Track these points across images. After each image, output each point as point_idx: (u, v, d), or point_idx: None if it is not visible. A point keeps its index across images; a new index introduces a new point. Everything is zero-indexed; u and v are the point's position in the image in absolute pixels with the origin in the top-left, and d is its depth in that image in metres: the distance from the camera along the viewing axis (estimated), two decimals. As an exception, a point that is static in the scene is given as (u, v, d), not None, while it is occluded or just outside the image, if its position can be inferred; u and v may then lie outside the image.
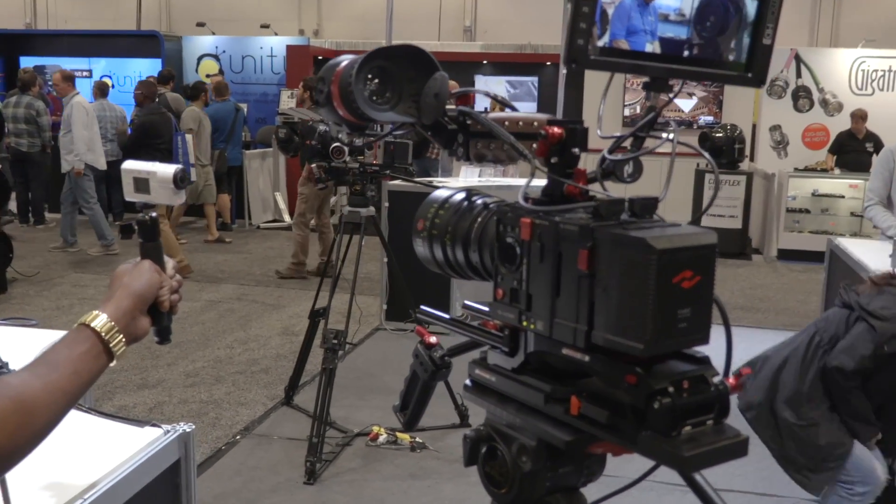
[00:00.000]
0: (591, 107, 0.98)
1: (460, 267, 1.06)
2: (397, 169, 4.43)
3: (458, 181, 6.71)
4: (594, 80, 1.02)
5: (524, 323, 0.94)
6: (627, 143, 0.98)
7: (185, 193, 1.36)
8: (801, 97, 11.21)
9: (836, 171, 10.28)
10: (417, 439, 4.29)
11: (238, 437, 4.42)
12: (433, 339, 1.18)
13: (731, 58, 0.97)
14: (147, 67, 13.20)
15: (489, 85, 12.88)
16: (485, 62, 13.44)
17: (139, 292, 1.21)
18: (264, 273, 8.43)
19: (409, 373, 1.24)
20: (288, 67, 12.67)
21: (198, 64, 13.63)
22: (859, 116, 10.18)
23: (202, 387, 5.16)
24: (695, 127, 11.16)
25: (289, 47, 12.76)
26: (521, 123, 0.99)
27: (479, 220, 1.03)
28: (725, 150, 9.93)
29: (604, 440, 0.89)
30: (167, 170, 1.34)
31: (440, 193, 1.10)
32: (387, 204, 6.23)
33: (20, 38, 14.10)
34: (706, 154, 1.00)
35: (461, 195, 1.08)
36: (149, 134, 8.38)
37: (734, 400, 0.94)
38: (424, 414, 1.23)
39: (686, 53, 0.95)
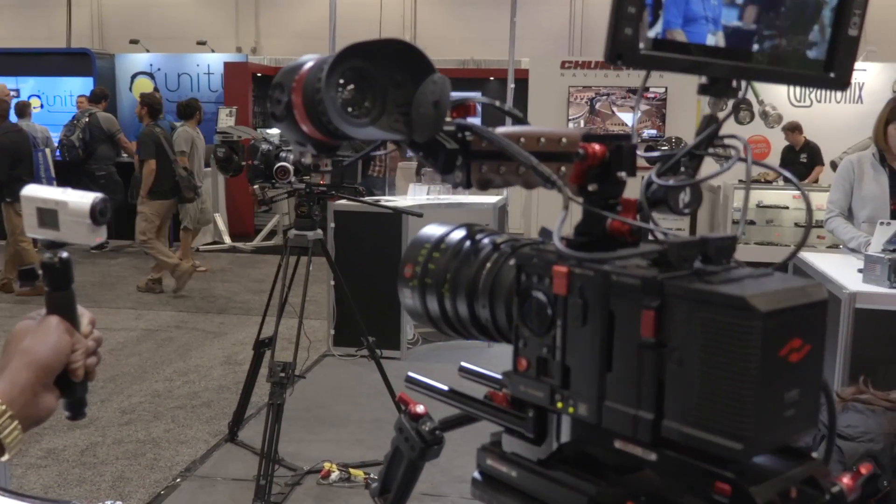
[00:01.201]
0: (538, 121, 0.77)
1: (462, 324, 0.83)
2: (346, 189, 4.18)
3: (405, 200, 6.47)
4: (541, 93, 0.81)
5: (558, 404, 0.71)
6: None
7: (105, 231, 1.06)
8: (743, 109, 11.24)
9: (780, 181, 10.36)
10: (372, 475, 4.03)
11: (178, 479, 4.09)
12: (420, 409, 0.95)
13: (808, 53, 0.76)
14: (78, 86, 12.71)
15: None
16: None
17: (43, 361, 0.95)
18: (205, 298, 8.06)
19: (390, 449, 1.00)
20: (226, 85, 12.32)
21: (132, 82, 13.19)
22: (790, 129, 10.32)
23: (139, 424, 4.80)
24: (638, 141, 11.12)
25: (226, 64, 12.41)
26: (542, 140, 0.76)
27: (489, 265, 0.80)
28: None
29: (674, 564, 0.66)
30: (82, 201, 1.04)
31: (432, 231, 0.87)
32: (333, 224, 5.95)
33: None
34: (787, 174, 0.79)
35: (461, 232, 0.85)
36: (12, 155, 7.91)
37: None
38: (382, 446, 0.99)
39: (755, 48, 0.74)
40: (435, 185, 6.53)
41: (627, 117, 11.20)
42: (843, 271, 3.71)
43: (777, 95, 11.16)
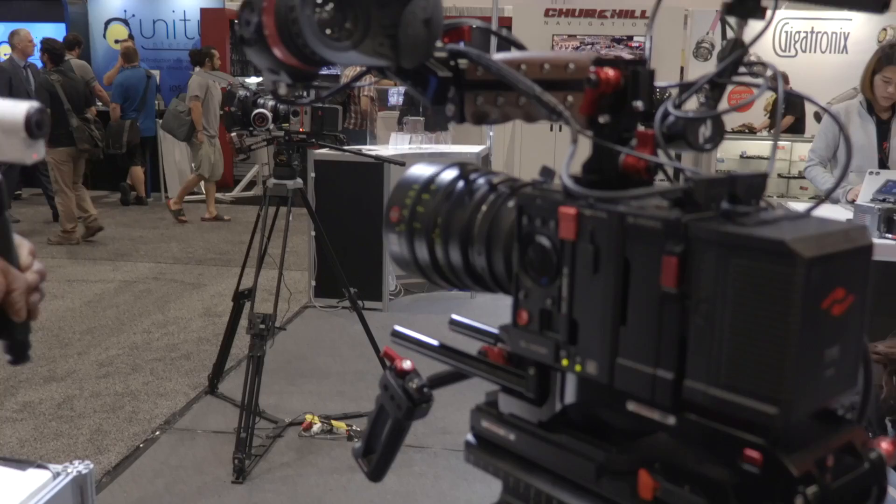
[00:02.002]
0: None
1: (455, 273, 0.75)
2: (326, 137, 4.05)
3: (387, 149, 6.35)
4: (525, 41, 0.73)
5: (564, 362, 0.63)
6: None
7: (44, 146, 0.91)
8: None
9: (764, 132, 10.32)
10: (355, 427, 3.99)
11: (158, 432, 4.03)
12: (407, 365, 0.87)
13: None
14: (50, 33, 12.32)
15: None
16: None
17: None
18: (183, 249, 7.94)
19: (374, 408, 0.93)
20: (202, 32, 12.02)
21: (105, 29, 12.83)
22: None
23: (117, 377, 4.72)
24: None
25: (203, 10, 12.09)
26: (546, 67, 0.68)
27: (485, 207, 0.71)
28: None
29: (693, 537, 0.60)
30: (15, 111, 0.88)
31: (421, 171, 0.78)
32: (313, 174, 5.83)
33: None
34: (821, 104, 0.71)
35: (452, 172, 0.76)
36: None
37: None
38: (363, 398, 0.92)
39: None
40: (417, 134, 6.41)
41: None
42: (833, 223, 3.66)
43: (762, 44, 11.01)
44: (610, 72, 0.62)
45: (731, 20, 0.66)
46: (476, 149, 6.59)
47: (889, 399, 2.44)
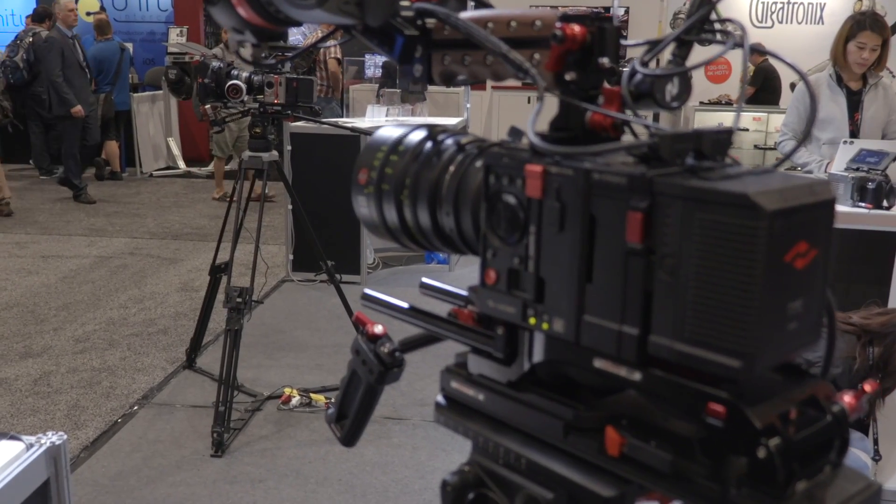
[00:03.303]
0: None
1: (424, 235, 0.74)
2: (301, 108, 4.02)
3: (363, 122, 6.31)
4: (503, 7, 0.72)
5: (531, 320, 0.64)
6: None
7: None
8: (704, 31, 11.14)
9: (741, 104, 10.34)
10: (333, 400, 3.99)
11: (136, 407, 4.02)
12: (378, 329, 0.87)
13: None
14: (19, 5, 12.14)
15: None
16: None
17: None
18: (159, 225, 7.87)
19: (346, 373, 0.92)
20: (176, 4, 11.84)
21: (77, 1, 12.61)
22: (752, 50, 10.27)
23: (94, 353, 4.69)
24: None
25: (176, -19, 11.92)
26: (513, 25, 0.67)
27: (453, 167, 0.71)
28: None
29: (659, 492, 0.60)
30: None
31: (388, 133, 0.77)
32: (289, 147, 5.79)
33: None
34: (788, 61, 0.70)
35: (420, 133, 0.76)
36: None
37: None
38: (342, 371, 0.92)
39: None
40: (394, 106, 6.37)
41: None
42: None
43: (738, 15, 10.97)
44: (576, 27, 0.61)
45: (668, 19, 0.65)
46: (453, 121, 6.57)
47: (862, 370, 2.48)
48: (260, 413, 3.93)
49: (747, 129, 10.49)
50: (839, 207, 2.73)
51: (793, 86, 9.18)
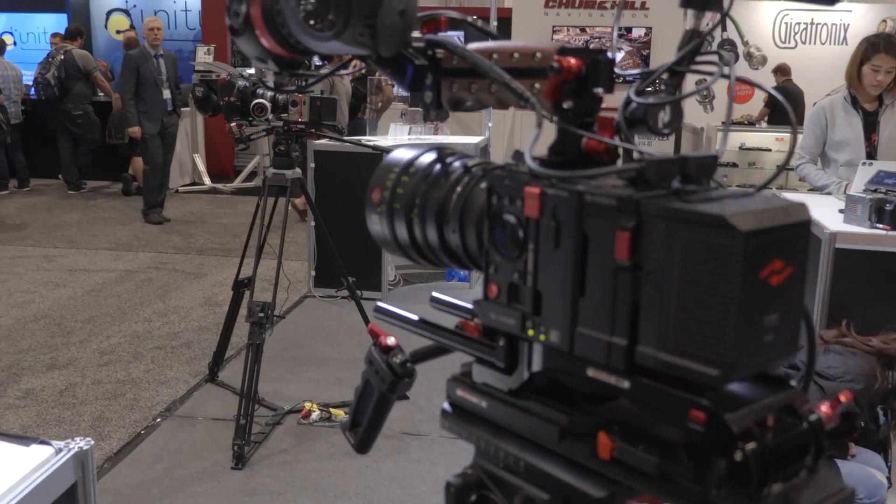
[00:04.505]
0: None
1: (432, 251, 0.79)
2: (324, 127, 4.10)
3: (386, 140, 6.38)
4: (525, 33, 0.76)
5: (530, 332, 0.68)
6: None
7: None
8: (727, 51, 11.15)
9: (763, 124, 10.37)
10: (353, 414, 4.04)
11: (159, 419, 4.09)
12: (391, 341, 0.91)
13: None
14: (52, 23, 12.43)
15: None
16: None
17: None
18: (184, 239, 7.99)
19: (360, 382, 0.97)
20: (203, 23, 12.07)
21: (107, 19, 12.90)
22: (775, 71, 10.39)
23: (118, 365, 4.78)
24: (621, 81, 11.03)
25: (204, 1, 12.13)
26: (516, 56, 0.72)
27: (459, 188, 0.76)
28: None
29: (647, 493, 0.64)
30: None
31: (401, 154, 0.83)
32: (313, 165, 5.87)
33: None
34: (775, 93, 0.75)
35: (431, 155, 0.81)
36: None
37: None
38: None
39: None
40: (416, 125, 6.45)
41: (619, 57, 11.06)
42: (824, 211, 3.70)
43: (762, 36, 11.05)
44: (572, 60, 0.66)
45: (690, 11, 0.70)
46: (475, 139, 6.63)
47: (881, 392, 2.54)
48: (280, 427, 3.99)
49: (770, 150, 10.49)
50: (857, 229, 2.77)
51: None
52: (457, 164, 0.78)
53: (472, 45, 0.75)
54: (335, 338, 5.19)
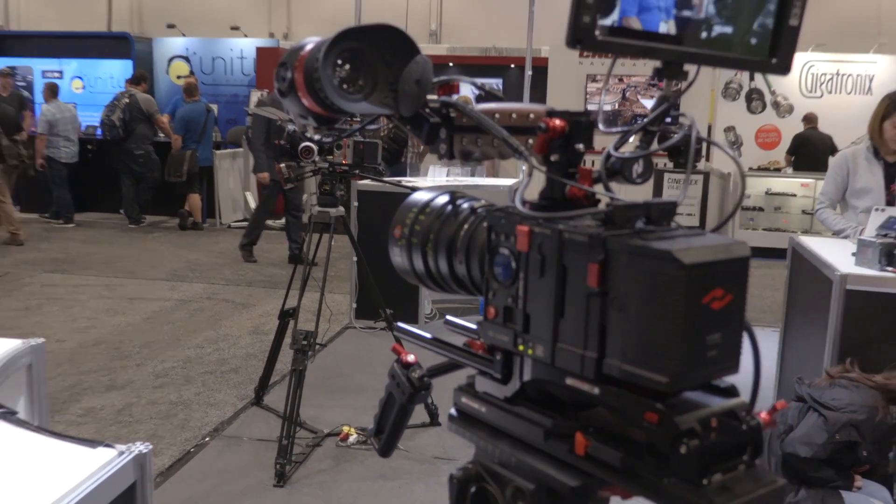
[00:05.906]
0: (556, 105, 0.86)
1: (443, 279, 0.93)
2: (366, 168, 4.29)
3: (426, 181, 6.57)
4: (560, 81, 0.90)
5: (520, 347, 0.81)
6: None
7: None
8: (755, 99, 11.29)
9: (789, 170, 10.44)
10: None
11: (207, 438, 4.27)
12: (411, 358, 1.05)
13: (752, 41, 0.85)
14: (118, 69, 12.99)
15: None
16: (450, 64, 13.23)
17: None
18: (234, 272, 8.25)
19: (384, 394, 1.11)
20: (258, 69, 12.54)
21: (168, 65, 13.43)
22: (804, 119, 10.56)
23: (171, 387, 4.99)
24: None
25: (259, 49, 12.62)
26: (514, 116, 0.86)
27: (466, 226, 0.90)
28: (684, 150, 9.90)
29: (614, 484, 0.76)
30: None
31: (420, 196, 0.97)
32: (356, 203, 6.09)
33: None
34: (729, 151, 0.87)
35: (444, 198, 0.95)
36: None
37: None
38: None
39: (703, 35, 0.83)
40: (454, 167, 6.64)
41: (649, 103, 11.18)
42: (837, 254, 3.74)
43: (789, 87, 11.09)
44: (557, 121, 0.80)
45: (720, 88, 0.83)
46: (509, 181, 6.83)
47: (884, 426, 2.65)
48: (320, 448, 4.14)
49: (795, 195, 10.52)
50: (867, 271, 2.85)
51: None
52: (465, 205, 0.92)
53: (480, 105, 0.89)
54: (373, 367, 5.33)
